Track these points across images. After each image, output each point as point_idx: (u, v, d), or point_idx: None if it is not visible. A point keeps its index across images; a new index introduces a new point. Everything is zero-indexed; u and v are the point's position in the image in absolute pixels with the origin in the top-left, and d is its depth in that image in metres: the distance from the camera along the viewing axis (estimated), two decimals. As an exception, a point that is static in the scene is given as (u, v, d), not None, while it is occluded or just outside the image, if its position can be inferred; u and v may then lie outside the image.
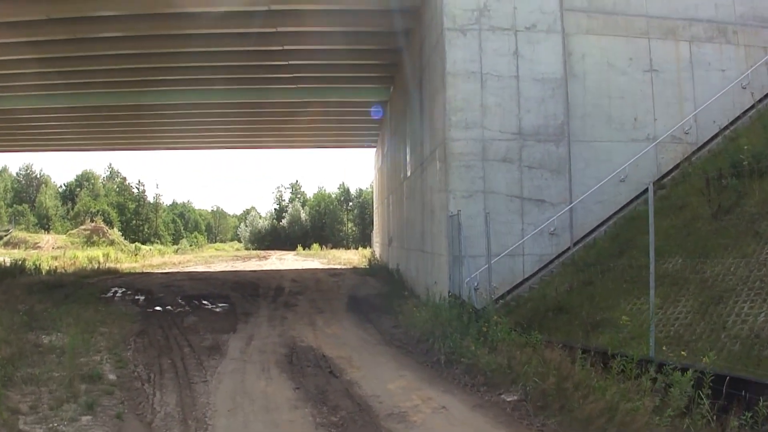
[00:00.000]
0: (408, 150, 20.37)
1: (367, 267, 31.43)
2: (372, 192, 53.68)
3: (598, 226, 13.69)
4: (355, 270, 31.21)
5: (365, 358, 11.00)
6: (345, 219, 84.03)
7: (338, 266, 35.55)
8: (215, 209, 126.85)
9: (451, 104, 13.47)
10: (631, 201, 13.75)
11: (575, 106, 13.81)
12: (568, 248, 13.50)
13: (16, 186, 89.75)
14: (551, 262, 13.44)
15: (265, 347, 11.96)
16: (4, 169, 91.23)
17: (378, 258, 34.20)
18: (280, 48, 21.09)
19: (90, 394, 8.02)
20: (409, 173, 20.25)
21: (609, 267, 11.56)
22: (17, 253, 42.37)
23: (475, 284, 12.53)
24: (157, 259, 43.68)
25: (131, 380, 9.18)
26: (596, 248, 13.04)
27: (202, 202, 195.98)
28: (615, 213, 13.77)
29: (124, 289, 21.75)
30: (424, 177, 16.75)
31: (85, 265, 33.11)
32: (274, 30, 19.48)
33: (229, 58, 22.35)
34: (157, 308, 17.35)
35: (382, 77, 24.69)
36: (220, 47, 20.99)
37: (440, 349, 10.52)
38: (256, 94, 26.93)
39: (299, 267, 35.84)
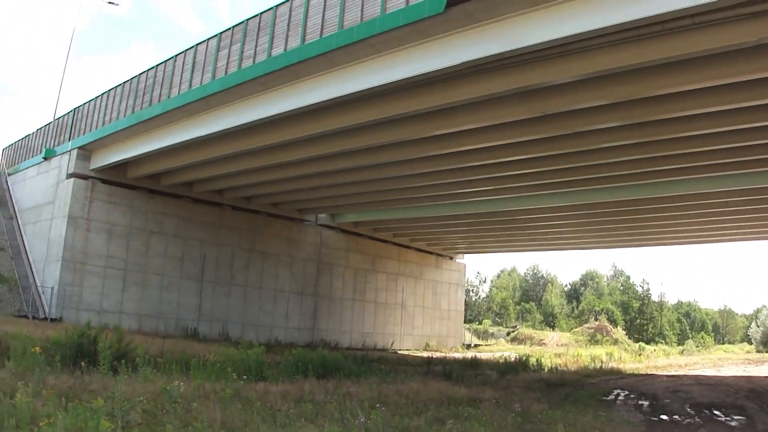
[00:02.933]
0: None
1: None
2: None
3: None
4: None
5: None
6: None
7: None
8: (723, 308, 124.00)
9: None
10: None
11: None
12: None
13: (524, 285, 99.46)
14: None
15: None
16: (513, 270, 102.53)
17: None
18: None
19: None
20: None
21: None
22: (522, 349, 46.05)
23: None
24: (662, 360, 43.29)
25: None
26: None
27: (709, 301, 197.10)
28: None
29: (626, 392, 20.76)
30: None
31: (587, 363, 33.60)
32: None
33: (731, 138, 20.07)
34: (663, 417, 15.35)
35: None
36: (721, 127, 18.89)
37: None
38: (762, 178, 23.96)
39: None
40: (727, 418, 15.14)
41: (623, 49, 15.26)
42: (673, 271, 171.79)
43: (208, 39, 22.66)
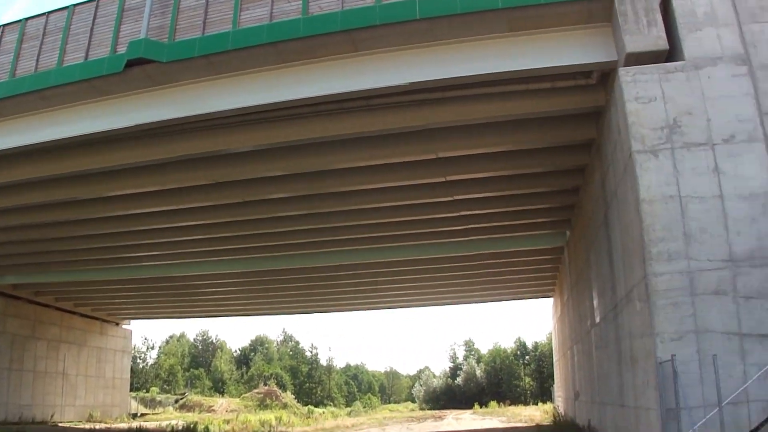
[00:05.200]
0: (595, 295, 18.81)
1: (552, 424, 29.76)
2: (550, 344, 53.38)
3: (837, 358, 11.99)
4: (539, 428, 29.48)
5: None
6: (522, 374, 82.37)
7: (520, 424, 33.88)
8: (388, 370, 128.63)
9: (649, 235, 11.99)
10: None
11: (793, 220, 12.42)
12: (801, 390, 11.75)
13: (193, 351, 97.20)
14: (781, 408, 11.67)
15: None
16: (182, 335, 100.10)
17: (562, 413, 32.14)
18: (451, 199, 20.59)
19: None
20: (597, 320, 18.58)
21: None
22: (191, 416, 44.90)
23: (692, 442, 10.66)
24: (330, 422, 42.35)
25: None
26: None
27: (376, 363, 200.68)
28: None
29: None
30: (619, 323, 15.05)
31: (256, 429, 33.13)
32: (443, 179, 19.14)
33: (396, 213, 21.98)
34: None
35: (557, 222, 24.22)
36: (387, 202, 20.71)
37: None
38: (425, 250, 26.62)
39: (478, 427, 34.05)
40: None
41: (301, 124, 16.44)
42: (342, 335, 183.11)
43: None
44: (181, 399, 61.99)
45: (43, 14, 17.25)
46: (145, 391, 66.83)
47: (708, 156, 12.31)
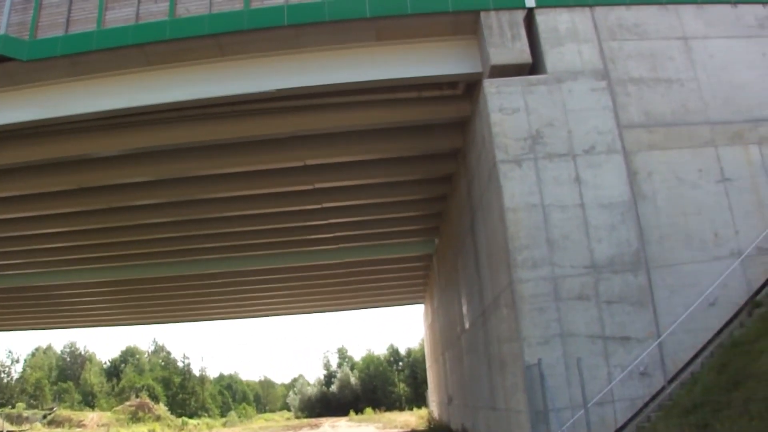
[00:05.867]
0: (464, 301, 19.00)
1: (427, 429, 30.21)
2: (423, 350, 53.32)
3: (693, 358, 12.41)
4: None
5: None
6: (396, 380, 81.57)
7: (396, 430, 33.95)
8: (263, 379, 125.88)
9: (514, 243, 12.35)
10: (725, 325, 12.60)
11: (649, 228, 12.80)
12: (663, 388, 12.12)
13: (61, 363, 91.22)
14: (645, 406, 12.00)
15: None
16: (49, 347, 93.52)
17: (437, 418, 32.64)
18: (319, 206, 20.61)
19: None
20: (467, 326, 18.75)
21: (725, 404, 10.16)
22: None
23: (561, 443, 11.04)
24: None
25: None
26: (700, 384, 11.59)
27: (250, 373, 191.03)
28: (709, 342, 12.54)
29: None
30: (488, 328, 15.30)
31: None
32: (311, 187, 19.10)
33: (266, 221, 21.72)
34: None
35: (426, 229, 24.41)
36: (257, 209, 20.43)
37: None
38: (296, 258, 26.50)
39: None
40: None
41: (168, 128, 15.88)
42: (214, 345, 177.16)
43: None
44: (50, 414, 58.80)
45: None
46: (10, 407, 62.60)
47: (569, 166, 12.85)
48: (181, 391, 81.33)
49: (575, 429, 11.03)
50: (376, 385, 79.24)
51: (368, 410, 59.56)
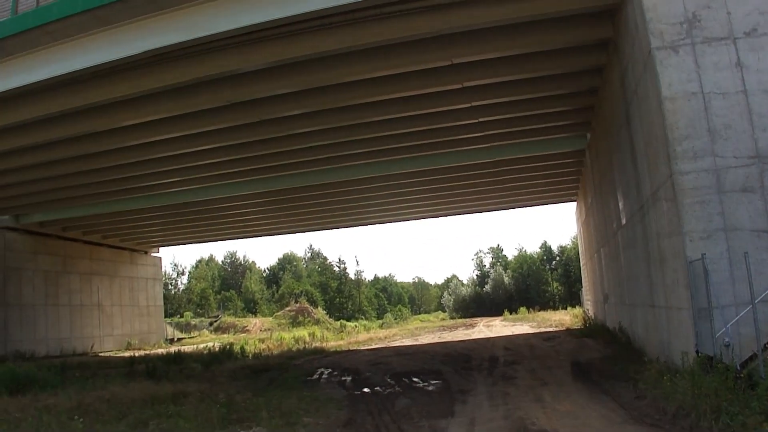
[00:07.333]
0: (620, 196, 18.62)
1: (582, 328, 29.74)
2: (576, 248, 52.90)
3: None
4: (569, 332, 29.53)
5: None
6: (549, 279, 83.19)
7: (550, 329, 34.23)
8: (417, 280, 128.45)
9: (673, 133, 11.65)
10: None
11: (818, 113, 11.78)
12: (841, 287, 11.32)
13: (223, 273, 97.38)
14: (815, 303, 11.33)
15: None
16: (211, 259, 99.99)
17: (592, 317, 32.32)
18: (468, 105, 20.37)
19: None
20: (624, 221, 18.41)
21: None
22: (226, 338, 46.12)
23: (725, 340, 10.41)
24: (363, 335, 43.86)
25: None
26: None
27: (404, 274, 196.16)
28: None
29: (330, 370, 20.87)
30: (646, 223, 14.84)
31: (291, 345, 34.15)
32: (459, 86, 18.81)
33: (413, 123, 21.75)
34: (365, 390, 15.88)
35: (577, 124, 23.79)
36: (404, 112, 20.47)
37: (711, 428, 8.78)
38: (445, 159, 26.53)
39: (509, 333, 34.50)
40: (425, 384, 16.15)
41: (313, 38, 15.97)
42: (368, 249, 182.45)
43: None
44: (216, 321, 63.33)
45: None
46: (179, 316, 68.22)
47: (730, 50, 11.80)
48: (338, 295, 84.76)
49: (740, 327, 10.49)
50: (530, 285, 79.66)
51: (522, 310, 59.77)
